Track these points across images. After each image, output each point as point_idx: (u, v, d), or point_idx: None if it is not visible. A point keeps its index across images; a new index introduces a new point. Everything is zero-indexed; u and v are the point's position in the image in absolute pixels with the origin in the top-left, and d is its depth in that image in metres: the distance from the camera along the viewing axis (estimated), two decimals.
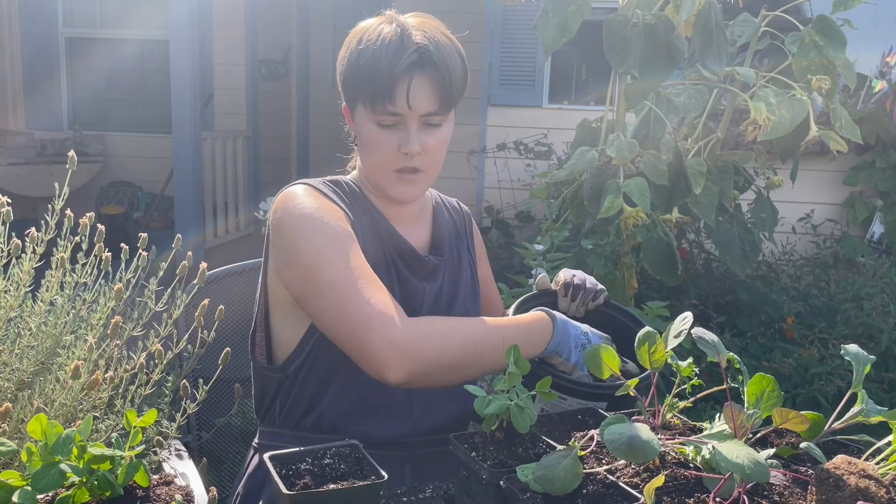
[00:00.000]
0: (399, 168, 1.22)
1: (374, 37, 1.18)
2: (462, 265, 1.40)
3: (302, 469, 0.86)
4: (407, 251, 1.29)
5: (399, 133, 1.20)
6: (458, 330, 1.15)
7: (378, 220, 1.28)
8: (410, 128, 1.19)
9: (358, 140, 1.27)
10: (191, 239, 4.45)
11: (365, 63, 1.17)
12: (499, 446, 0.91)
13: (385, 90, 1.16)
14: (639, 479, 0.85)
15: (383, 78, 1.16)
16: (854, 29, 2.42)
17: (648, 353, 0.94)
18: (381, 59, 1.16)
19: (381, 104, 1.17)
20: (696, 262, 3.64)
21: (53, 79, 6.21)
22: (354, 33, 1.22)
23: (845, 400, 0.91)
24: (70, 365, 0.97)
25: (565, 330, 1.20)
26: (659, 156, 2.31)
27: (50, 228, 1.16)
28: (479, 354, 1.13)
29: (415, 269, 1.30)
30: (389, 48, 1.16)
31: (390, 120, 1.19)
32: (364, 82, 1.18)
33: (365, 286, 1.10)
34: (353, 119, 1.25)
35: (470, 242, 1.46)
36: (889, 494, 0.74)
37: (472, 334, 1.15)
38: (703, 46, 2.27)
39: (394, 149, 1.20)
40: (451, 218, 1.44)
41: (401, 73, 1.15)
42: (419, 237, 1.35)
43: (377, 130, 1.20)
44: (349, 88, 1.22)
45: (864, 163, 4.56)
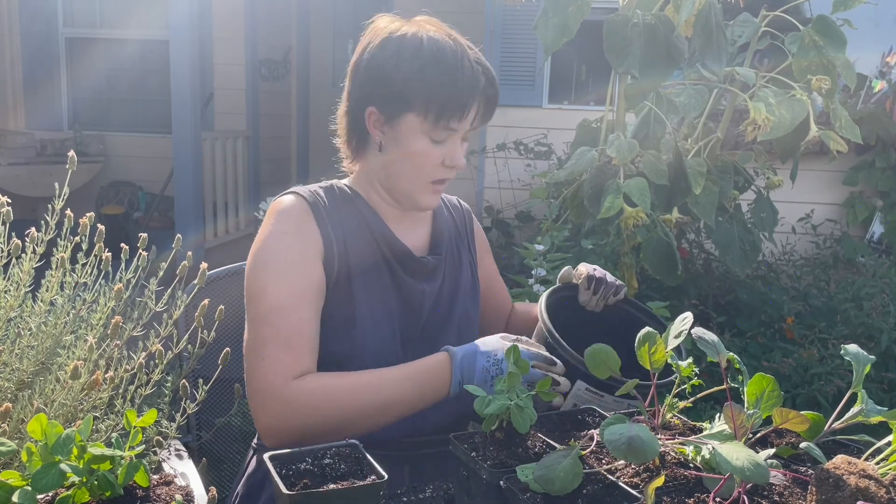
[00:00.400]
0: (436, 180, 1.24)
1: (442, 52, 1.18)
2: (462, 264, 1.40)
3: (302, 469, 0.86)
4: (403, 253, 1.29)
5: (445, 147, 1.22)
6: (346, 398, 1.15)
7: (374, 224, 1.28)
8: (457, 143, 1.23)
9: (390, 148, 1.23)
10: (191, 239, 4.45)
11: (440, 80, 1.17)
12: (499, 446, 0.91)
13: (459, 110, 1.18)
14: (639, 479, 0.85)
15: (461, 98, 1.18)
16: (854, 29, 2.42)
17: (648, 353, 0.94)
18: (460, 79, 1.17)
19: (446, 120, 1.18)
20: (696, 262, 3.64)
21: (53, 79, 6.21)
22: (400, 39, 1.20)
23: (845, 400, 0.91)
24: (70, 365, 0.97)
25: (469, 366, 1.14)
26: (659, 156, 2.31)
27: (50, 228, 1.16)
28: (373, 416, 1.16)
29: (412, 271, 1.29)
30: (465, 68, 1.18)
31: (445, 135, 1.21)
32: (436, 99, 1.17)
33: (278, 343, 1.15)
34: (390, 126, 1.22)
35: (471, 241, 1.47)
36: (889, 494, 0.74)
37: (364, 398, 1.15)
38: (703, 46, 2.27)
39: (437, 162, 1.22)
40: (451, 216, 1.44)
41: (478, 96, 1.19)
42: (419, 238, 1.35)
43: (429, 144, 1.21)
44: (402, 98, 1.19)
45: (864, 163, 4.56)
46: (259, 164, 6.01)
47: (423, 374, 1.17)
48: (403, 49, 1.19)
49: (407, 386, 1.16)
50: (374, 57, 1.21)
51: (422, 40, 1.19)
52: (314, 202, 1.25)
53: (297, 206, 1.25)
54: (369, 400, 1.15)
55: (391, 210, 1.31)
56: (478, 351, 1.14)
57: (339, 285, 1.23)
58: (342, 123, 1.30)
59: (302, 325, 1.18)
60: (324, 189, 1.30)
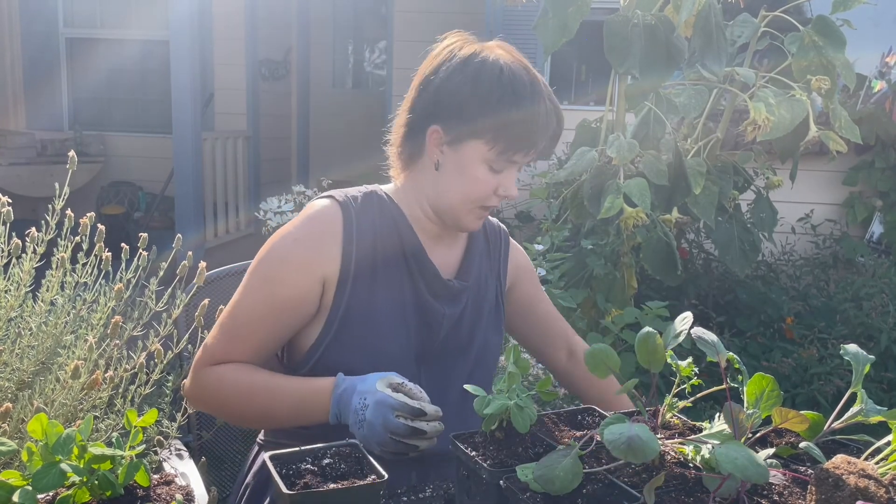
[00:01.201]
0: (485, 205, 1.24)
1: (515, 83, 1.17)
2: (487, 292, 1.38)
3: (302, 469, 0.86)
4: (431, 273, 1.27)
5: (501, 177, 1.22)
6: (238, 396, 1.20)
7: (406, 238, 1.27)
8: (513, 173, 1.23)
9: (448, 169, 1.22)
10: (191, 239, 4.45)
11: (514, 114, 1.16)
12: (499, 446, 0.91)
13: (528, 146, 1.19)
14: (639, 479, 0.85)
15: (533, 136, 1.18)
16: (854, 29, 2.42)
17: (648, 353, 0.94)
18: (534, 118, 1.18)
19: (511, 153, 1.19)
20: (695, 262, 3.64)
21: (54, 79, 6.21)
22: (481, 66, 1.18)
23: (845, 400, 0.91)
24: (70, 365, 0.97)
25: (345, 403, 1.11)
26: (659, 156, 2.31)
27: (50, 228, 1.16)
28: (256, 420, 1.27)
29: (437, 292, 1.28)
30: (540, 107, 1.18)
31: (505, 166, 1.21)
32: (507, 132, 1.17)
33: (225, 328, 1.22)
34: (452, 148, 1.21)
35: (502, 267, 1.43)
36: (889, 494, 0.74)
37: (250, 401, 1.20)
38: (703, 47, 2.27)
39: (490, 190, 1.22)
40: (485, 241, 1.41)
41: (549, 137, 1.21)
42: (450, 258, 1.34)
43: (487, 172, 1.20)
44: (475, 127, 1.17)
45: (864, 163, 4.56)
46: (259, 164, 6.02)
47: (303, 395, 1.16)
48: (482, 76, 1.17)
49: (286, 402, 1.17)
50: (450, 78, 1.19)
51: (501, 70, 1.17)
52: (347, 216, 1.24)
53: (327, 217, 1.24)
54: (255, 404, 1.20)
55: (430, 226, 1.30)
56: (355, 390, 1.10)
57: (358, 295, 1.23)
58: (398, 134, 1.28)
59: (256, 330, 1.21)
60: (363, 196, 1.28)
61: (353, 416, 1.08)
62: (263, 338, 1.22)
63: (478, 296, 1.35)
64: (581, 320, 2.44)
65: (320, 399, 1.14)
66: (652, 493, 0.78)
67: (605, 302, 2.47)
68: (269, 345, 1.23)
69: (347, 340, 1.23)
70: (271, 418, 1.23)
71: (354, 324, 1.22)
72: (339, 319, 1.22)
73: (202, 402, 1.24)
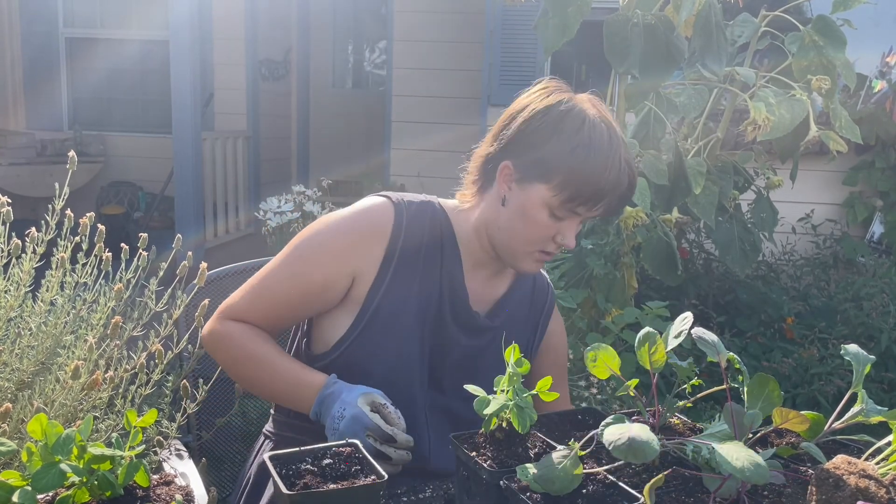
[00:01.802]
0: (542, 250, 1.23)
1: (593, 136, 1.16)
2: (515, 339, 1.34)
3: (302, 469, 0.86)
4: (459, 300, 1.27)
5: (562, 224, 1.21)
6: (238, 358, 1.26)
7: (448, 259, 1.27)
8: (575, 224, 1.22)
9: (512, 206, 1.22)
10: (191, 239, 4.45)
11: (584, 166, 1.16)
12: (499, 446, 0.91)
13: (593, 201, 1.18)
14: (639, 479, 0.85)
15: (599, 192, 1.17)
16: (854, 29, 2.42)
17: (648, 353, 0.94)
18: (604, 173, 1.16)
19: (575, 205, 1.18)
20: (696, 262, 3.64)
21: (54, 79, 6.21)
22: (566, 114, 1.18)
23: (845, 400, 0.91)
24: (70, 365, 0.97)
25: (327, 407, 1.14)
26: (659, 156, 2.31)
27: (50, 228, 1.16)
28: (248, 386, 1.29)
29: (458, 318, 1.28)
30: (613, 164, 1.16)
31: (568, 215, 1.20)
32: (574, 185, 1.16)
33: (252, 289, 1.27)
34: (520, 186, 1.21)
35: (541, 324, 1.41)
36: (889, 494, 0.74)
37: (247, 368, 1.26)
38: (703, 46, 2.27)
39: (549, 235, 1.21)
40: (531, 292, 1.40)
41: (617, 196, 1.19)
42: (488, 292, 1.33)
43: (548, 217, 1.20)
44: (546, 170, 1.18)
45: (864, 163, 4.56)
46: (259, 164, 6.02)
47: (296, 383, 1.21)
48: (564, 123, 1.17)
49: (280, 383, 1.23)
50: (534, 118, 1.19)
51: (584, 121, 1.17)
52: (398, 219, 1.25)
53: (377, 216, 1.25)
54: (254, 373, 1.25)
55: (480, 253, 1.29)
56: (339, 397, 1.13)
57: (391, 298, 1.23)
58: (476, 163, 1.28)
59: (278, 302, 1.25)
60: (419, 204, 1.29)
61: (330, 422, 1.11)
62: (282, 311, 1.26)
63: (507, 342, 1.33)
64: (581, 320, 2.44)
65: (308, 393, 1.18)
66: (652, 493, 0.78)
67: (605, 302, 2.47)
68: (285, 319, 1.29)
69: (369, 340, 1.23)
70: (265, 391, 1.30)
71: (380, 325, 1.23)
72: (367, 318, 1.23)
73: (212, 350, 1.28)
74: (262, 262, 1.64)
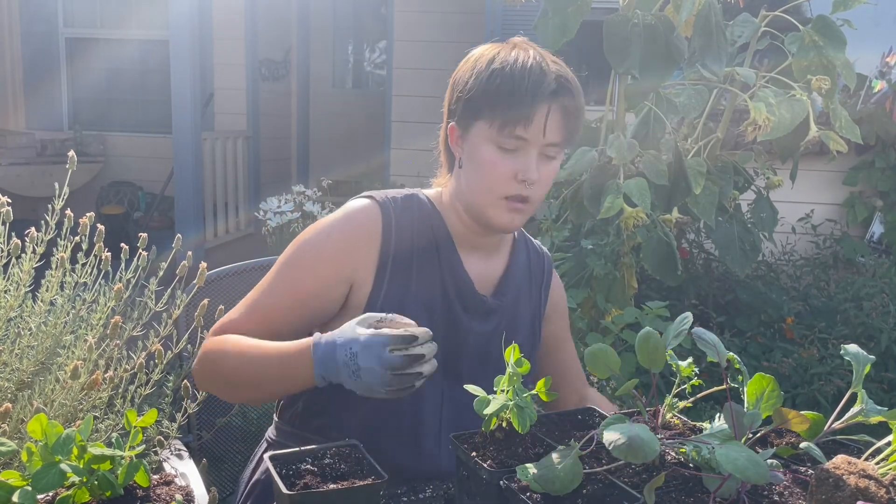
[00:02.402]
0: (509, 195, 1.19)
1: (511, 60, 1.17)
2: (523, 315, 1.35)
3: (302, 469, 0.86)
4: (464, 286, 1.26)
5: (518, 159, 1.17)
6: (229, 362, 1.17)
7: (444, 248, 1.26)
8: (532, 155, 1.18)
9: (465, 161, 1.22)
10: (191, 239, 4.45)
11: (503, 84, 1.15)
12: (499, 446, 0.91)
13: (522, 114, 1.15)
14: (639, 480, 0.85)
15: (524, 101, 1.14)
16: (854, 29, 2.42)
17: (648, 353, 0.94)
18: (523, 81, 1.14)
19: (511, 127, 1.15)
20: (695, 262, 3.64)
21: (53, 79, 6.21)
22: (481, 54, 1.20)
23: (845, 400, 0.91)
24: (70, 365, 0.97)
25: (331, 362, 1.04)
26: (659, 156, 2.31)
27: (50, 228, 1.16)
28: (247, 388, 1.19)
29: (468, 307, 1.26)
30: (532, 73, 1.15)
31: (513, 144, 1.17)
32: (498, 102, 1.15)
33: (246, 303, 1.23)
34: (464, 139, 1.21)
35: (543, 294, 1.40)
36: (889, 494, 0.74)
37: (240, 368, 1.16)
38: (703, 46, 2.27)
39: (509, 174, 1.18)
40: (527, 262, 1.38)
41: (543, 99, 1.15)
42: (488, 273, 1.31)
43: (496, 153, 1.18)
44: (473, 106, 1.18)
45: (864, 163, 4.56)
46: (259, 164, 6.02)
47: (286, 359, 1.11)
48: (480, 63, 1.19)
49: (274, 366, 1.13)
50: (456, 73, 1.23)
51: (499, 54, 1.18)
52: (386, 218, 1.24)
53: (365, 218, 1.24)
54: (244, 371, 1.16)
55: (469, 236, 1.28)
56: (336, 345, 1.05)
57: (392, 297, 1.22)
58: (441, 146, 1.30)
59: (274, 313, 1.21)
60: (404, 198, 1.27)
61: (345, 370, 1.02)
62: (279, 322, 1.21)
63: (513, 318, 1.32)
64: (581, 320, 2.44)
65: (303, 361, 1.07)
66: (652, 494, 0.78)
67: (605, 302, 2.47)
68: (283, 331, 1.20)
69: None
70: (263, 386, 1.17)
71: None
72: None
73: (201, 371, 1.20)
74: (262, 261, 1.64)
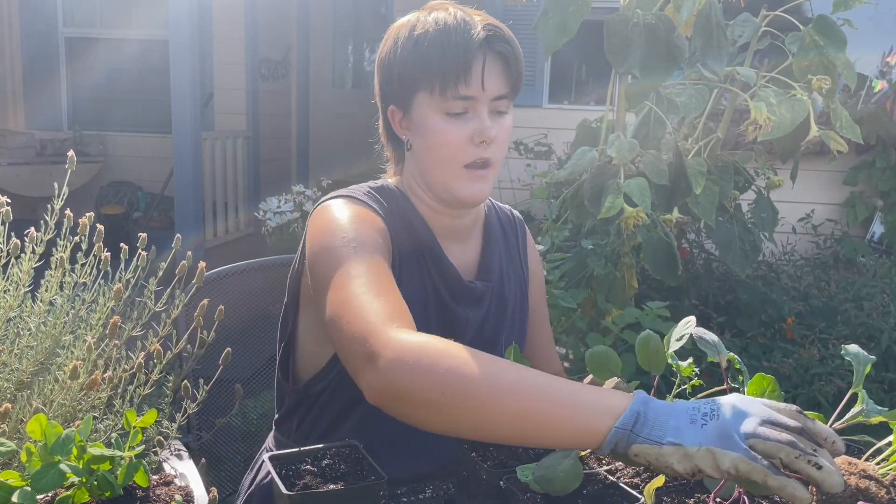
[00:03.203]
0: (469, 162, 1.12)
1: (432, 23, 1.10)
2: (509, 291, 1.28)
3: (302, 469, 0.86)
4: (451, 276, 1.19)
5: (469, 122, 1.10)
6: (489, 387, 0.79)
7: (423, 237, 1.18)
8: (482, 113, 1.10)
9: (415, 140, 1.16)
10: (191, 239, 4.45)
11: (430, 46, 1.08)
12: (499, 446, 0.90)
13: (459, 70, 1.07)
14: (639, 480, 0.85)
15: (457, 57, 1.07)
16: (854, 29, 2.42)
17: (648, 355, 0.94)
18: (450, 37, 1.08)
19: (452, 87, 1.08)
20: (696, 262, 3.64)
21: (53, 79, 6.21)
22: (399, 26, 1.14)
23: (845, 400, 0.90)
24: (69, 365, 0.97)
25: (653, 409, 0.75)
26: (659, 156, 2.31)
27: (49, 228, 1.16)
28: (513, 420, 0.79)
29: (458, 297, 1.20)
30: (458, 27, 1.08)
31: (461, 106, 1.10)
32: (432, 66, 1.08)
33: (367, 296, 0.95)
34: (408, 118, 1.15)
35: (523, 260, 1.34)
36: (889, 495, 0.74)
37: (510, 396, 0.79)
38: (703, 46, 2.27)
39: (464, 140, 1.11)
40: (502, 232, 1.32)
41: (475, 50, 1.07)
42: (468, 256, 1.25)
43: (445, 121, 1.10)
44: (406, 80, 1.12)
45: (865, 163, 4.56)
46: (259, 164, 6.02)
47: (584, 400, 0.78)
48: (400, 34, 1.13)
49: (561, 405, 0.78)
50: (379, 55, 1.17)
51: (419, 20, 1.12)
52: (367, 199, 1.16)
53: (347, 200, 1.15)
54: (515, 398, 0.79)
55: (442, 221, 1.21)
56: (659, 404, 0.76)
57: None
58: (383, 138, 1.24)
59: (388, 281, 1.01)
60: (376, 189, 1.20)
61: (691, 414, 0.73)
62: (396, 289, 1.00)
63: (500, 296, 1.26)
64: (581, 320, 2.44)
65: (614, 401, 0.77)
66: (652, 494, 0.78)
67: (605, 302, 2.47)
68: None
69: None
70: (533, 424, 0.78)
71: None
72: None
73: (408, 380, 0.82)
74: (262, 262, 1.64)
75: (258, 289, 1.61)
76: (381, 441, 1.15)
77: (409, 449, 1.18)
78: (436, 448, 1.17)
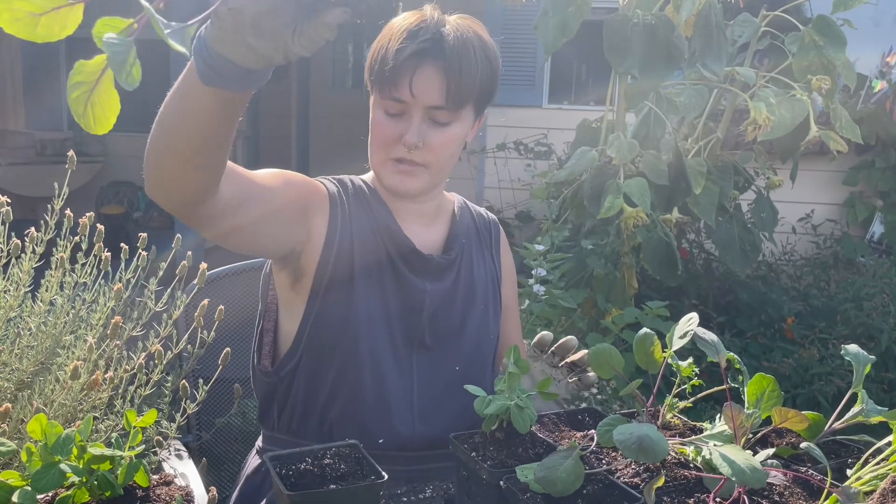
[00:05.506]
0: (397, 157, 1.20)
1: (396, 24, 1.18)
2: (479, 274, 1.34)
3: (302, 469, 0.86)
4: (406, 248, 1.25)
5: (401, 123, 1.18)
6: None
7: (379, 216, 1.25)
8: (414, 119, 1.17)
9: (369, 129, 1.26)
10: (191, 239, 4.43)
11: (380, 47, 1.18)
12: (499, 446, 0.91)
13: (390, 74, 1.15)
14: (639, 480, 0.85)
15: (390, 62, 1.15)
16: (854, 29, 2.43)
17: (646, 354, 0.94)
18: (390, 43, 1.16)
19: (387, 89, 1.17)
20: (696, 262, 3.64)
21: (53, 79, 6.20)
22: (389, 24, 1.21)
23: (845, 400, 0.91)
24: (70, 365, 0.97)
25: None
26: (659, 156, 2.31)
27: (50, 228, 1.16)
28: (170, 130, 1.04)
29: (415, 267, 1.25)
30: (404, 34, 1.16)
31: (396, 108, 1.18)
32: (375, 66, 1.18)
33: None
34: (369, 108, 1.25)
35: (496, 253, 1.41)
36: None
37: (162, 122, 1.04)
38: (703, 46, 2.27)
39: (395, 137, 1.19)
40: (472, 223, 1.39)
41: (405, 59, 1.14)
42: (432, 237, 1.31)
43: (384, 117, 1.20)
44: (368, 75, 1.22)
45: (864, 163, 4.56)
46: (259, 164, 5.98)
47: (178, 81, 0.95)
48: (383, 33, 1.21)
49: (171, 97, 1.01)
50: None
51: (398, 21, 1.20)
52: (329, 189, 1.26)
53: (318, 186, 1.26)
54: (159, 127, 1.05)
55: (400, 203, 1.28)
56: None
57: (337, 285, 1.21)
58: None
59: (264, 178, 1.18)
60: (336, 179, 1.30)
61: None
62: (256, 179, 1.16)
63: (470, 277, 1.32)
64: (581, 320, 2.44)
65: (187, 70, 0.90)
66: (652, 494, 0.78)
67: (605, 302, 2.47)
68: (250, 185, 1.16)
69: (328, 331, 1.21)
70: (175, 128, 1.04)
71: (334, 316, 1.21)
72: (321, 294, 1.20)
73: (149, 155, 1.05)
74: (262, 262, 1.64)
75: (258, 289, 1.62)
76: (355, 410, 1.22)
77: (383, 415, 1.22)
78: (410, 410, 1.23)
